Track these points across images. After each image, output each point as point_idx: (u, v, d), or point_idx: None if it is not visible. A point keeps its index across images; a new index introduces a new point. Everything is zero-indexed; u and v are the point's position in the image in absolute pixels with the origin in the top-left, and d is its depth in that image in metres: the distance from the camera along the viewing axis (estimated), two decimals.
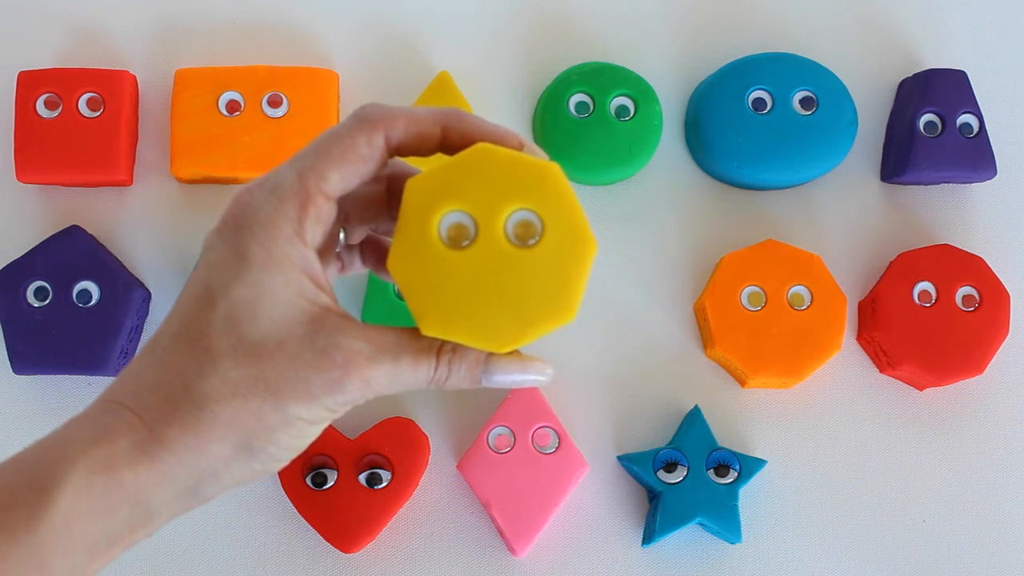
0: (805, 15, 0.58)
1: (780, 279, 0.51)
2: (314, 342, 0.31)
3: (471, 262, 0.32)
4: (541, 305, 0.32)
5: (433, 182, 0.32)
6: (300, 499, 0.49)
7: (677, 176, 0.56)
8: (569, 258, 0.32)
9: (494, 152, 0.32)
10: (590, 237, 0.32)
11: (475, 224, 0.32)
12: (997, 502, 0.52)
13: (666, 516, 0.49)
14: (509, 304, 0.32)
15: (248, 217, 0.32)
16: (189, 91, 0.53)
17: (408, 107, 0.34)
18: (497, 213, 0.32)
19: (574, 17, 0.57)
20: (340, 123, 0.33)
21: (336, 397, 0.32)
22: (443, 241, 0.32)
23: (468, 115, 0.34)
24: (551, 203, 0.32)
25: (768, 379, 0.51)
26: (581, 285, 0.32)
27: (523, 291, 0.32)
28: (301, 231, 0.32)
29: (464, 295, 0.32)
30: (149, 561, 0.50)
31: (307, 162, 0.32)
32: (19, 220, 0.54)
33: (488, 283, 0.32)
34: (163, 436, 0.30)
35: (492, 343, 0.32)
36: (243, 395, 0.31)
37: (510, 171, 0.32)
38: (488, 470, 0.49)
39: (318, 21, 0.57)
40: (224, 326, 0.31)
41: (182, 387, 0.31)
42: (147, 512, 0.31)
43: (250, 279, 0.31)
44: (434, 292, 0.32)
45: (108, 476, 0.30)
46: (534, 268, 0.32)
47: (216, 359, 0.31)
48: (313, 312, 0.32)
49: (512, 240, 0.32)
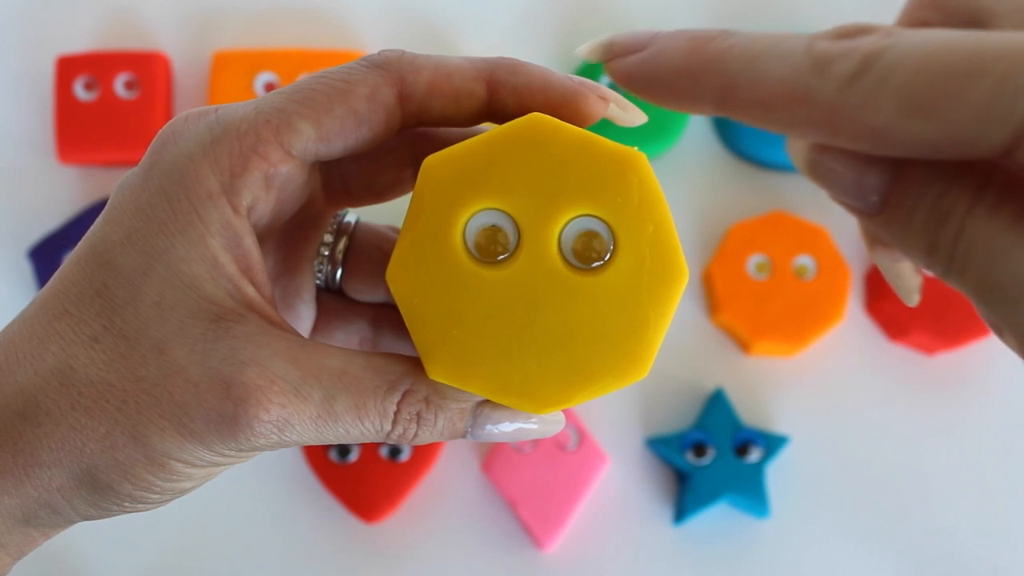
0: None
1: (786, 249, 0.52)
2: (208, 352, 0.21)
3: (507, 284, 0.23)
4: (602, 354, 0.23)
5: (461, 164, 0.23)
6: (324, 471, 0.50)
7: (705, 155, 0.56)
8: (649, 290, 0.23)
9: (553, 127, 0.23)
10: (681, 263, 0.23)
11: (517, 231, 0.23)
12: (1012, 461, 0.52)
13: (696, 496, 0.50)
14: (557, 348, 0.23)
15: (168, 152, 0.23)
16: (227, 72, 0.54)
17: (443, 56, 0.24)
18: (551, 219, 0.23)
19: (604, 0, 0.58)
20: (345, 64, 0.24)
21: (227, 443, 0.21)
22: (469, 251, 0.23)
23: (527, 66, 0.24)
24: (630, 211, 0.23)
25: (771, 345, 0.52)
26: (661, 330, 0.23)
27: (578, 332, 0.23)
28: (233, 190, 0.22)
29: (493, 330, 0.22)
30: (171, 530, 0.51)
31: (276, 101, 0.23)
32: (60, 199, 0.55)
33: (529, 316, 0.23)
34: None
35: (526, 401, 0.23)
36: (86, 409, 0.22)
37: (575, 158, 0.23)
38: (512, 470, 0.50)
39: (352, 3, 0.58)
40: (93, 304, 0.22)
41: (13, 388, 0.22)
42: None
43: (143, 243, 0.22)
44: (450, 322, 0.22)
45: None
46: (597, 301, 0.23)
47: (65, 350, 0.22)
48: (222, 307, 0.22)
49: (569, 259, 0.23)
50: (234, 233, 0.22)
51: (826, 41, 0.18)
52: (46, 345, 0.22)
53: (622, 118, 0.25)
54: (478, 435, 0.24)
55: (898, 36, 0.17)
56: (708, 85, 0.19)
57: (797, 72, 0.17)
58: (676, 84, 0.20)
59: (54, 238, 0.52)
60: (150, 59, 0.54)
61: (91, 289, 0.22)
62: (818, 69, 0.17)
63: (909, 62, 0.16)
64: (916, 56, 0.16)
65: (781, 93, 0.18)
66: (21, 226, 0.54)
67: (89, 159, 0.54)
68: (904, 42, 0.17)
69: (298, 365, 0.22)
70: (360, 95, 0.23)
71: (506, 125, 0.23)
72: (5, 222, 0.54)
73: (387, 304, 0.29)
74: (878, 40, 0.17)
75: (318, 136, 0.23)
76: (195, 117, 0.23)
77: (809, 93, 0.17)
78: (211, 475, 0.23)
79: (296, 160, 0.23)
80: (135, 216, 0.22)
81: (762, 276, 0.52)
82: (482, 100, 0.24)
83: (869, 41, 0.17)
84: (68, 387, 0.22)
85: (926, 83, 0.16)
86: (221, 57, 0.55)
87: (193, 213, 0.22)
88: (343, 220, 0.29)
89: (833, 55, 0.17)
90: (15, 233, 0.54)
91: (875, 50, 0.17)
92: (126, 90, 0.54)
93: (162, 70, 0.55)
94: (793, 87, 0.17)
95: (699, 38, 0.19)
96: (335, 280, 0.29)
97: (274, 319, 0.23)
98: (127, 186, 0.23)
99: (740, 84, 0.18)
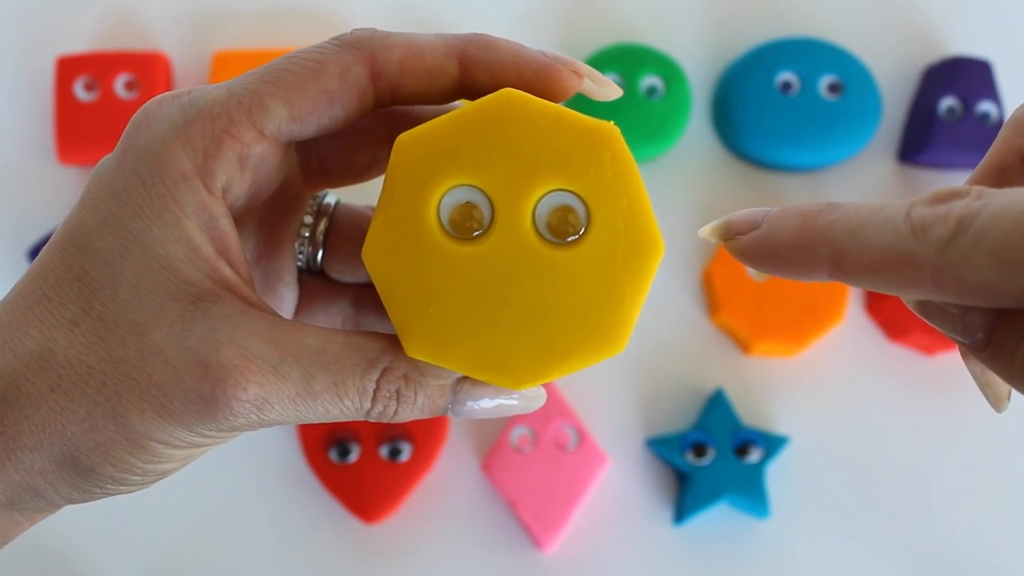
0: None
1: None
2: (186, 333, 0.22)
3: (483, 261, 0.23)
4: (579, 328, 0.23)
5: (434, 141, 0.23)
6: (324, 472, 0.50)
7: (705, 155, 0.56)
8: (624, 264, 0.23)
9: (525, 102, 0.23)
10: (656, 236, 0.23)
11: (492, 207, 0.23)
12: (1012, 461, 0.52)
13: (695, 496, 0.50)
14: (533, 324, 0.23)
15: (142, 135, 0.23)
16: (227, 72, 0.54)
17: (413, 34, 0.24)
18: (525, 193, 0.23)
19: (604, 0, 0.58)
20: (316, 44, 0.24)
21: (207, 423, 0.22)
22: (444, 228, 0.23)
23: (499, 42, 0.24)
24: (604, 184, 0.23)
25: (771, 345, 0.52)
26: (637, 304, 0.23)
27: (555, 307, 0.23)
28: (207, 171, 0.22)
29: (469, 306, 0.23)
30: (171, 530, 0.51)
31: (248, 83, 0.23)
32: (60, 199, 0.55)
33: (505, 292, 0.23)
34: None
35: (504, 376, 0.23)
36: (66, 392, 0.22)
37: (548, 132, 0.23)
38: (512, 470, 0.50)
39: (352, 3, 0.58)
40: (72, 288, 0.22)
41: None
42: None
43: (119, 226, 0.22)
44: (426, 299, 0.22)
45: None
46: (573, 275, 0.23)
47: (45, 333, 0.22)
48: (199, 288, 0.22)
49: (544, 234, 0.23)
50: (209, 214, 0.22)
51: (923, 207, 0.19)
52: (26, 329, 0.22)
53: (597, 92, 0.25)
54: (459, 412, 0.24)
55: (989, 198, 0.18)
56: (820, 256, 0.20)
57: (900, 238, 0.19)
58: (791, 257, 0.21)
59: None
60: (150, 59, 0.54)
61: (69, 273, 0.22)
62: (918, 234, 0.19)
63: (1002, 222, 0.17)
64: (1008, 216, 0.17)
65: (887, 259, 0.19)
66: (21, 226, 0.54)
67: (89, 159, 0.54)
68: (995, 203, 0.18)
69: (276, 344, 0.22)
70: (332, 74, 0.23)
71: (478, 101, 0.23)
72: (5, 222, 0.54)
73: (369, 284, 0.29)
74: (971, 203, 0.18)
75: (291, 116, 0.23)
76: (168, 100, 0.23)
77: (912, 257, 0.19)
78: (192, 456, 0.23)
79: (269, 140, 0.23)
80: (111, 200, 0.22)
81: (762, 276, 0.53)
82: (455, 77, 0.24)
83: (963, 204, 0.18)
84: (48, 370, 0.22)
85: (1018, 241, 0.17)
86: (221, 57, 0.55)
87: (168, 195, 0.22)
88: (323, 201, 0.29)
89: (930, 220, 0.18)
90: (15, 233, 0.54)
91: (969, 213, 0.18)
92: (126, 90, 0.54)
93: (162, 70, 0.55)
94: (897, 253, 0.19)
95: (807, 213, 0.21)
96: (316, 262, 0.29)
97: (252, 299, 0.23)
98: (102, 170, 0.23)
99: (849, 253, 0.20)
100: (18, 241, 0.53)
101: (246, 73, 0.23)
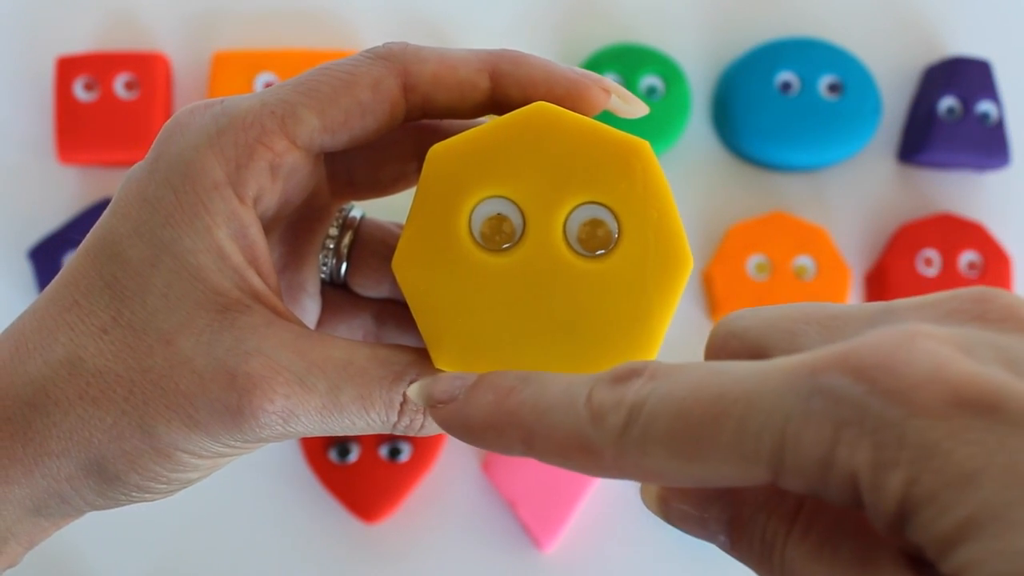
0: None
1: (786, 250, 0.53)
2: (214, 343, 0.22)
3: (513, 272, 0.23)
4: (608, 341, 0.23)
5: (466, 153, 0.23)
6: (324, 472, 0.50)
7: (704, 155, 0.56)
8: (653, 278, 0.23)
9: (558, 115, 0.23)
10: (685, 250, 0.23)
11: (523, 219, 0.23)
12: None
13: None
14: (562, 336, 0.23)
15: (174, 144, 0.23)
16: (227, 73, 0.54)
17: (447, 48, 0.24)
18: (556, 206, 0.23)
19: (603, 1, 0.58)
20: (349, 56, 0.24)
21: (233, 434, 0.22)
22: (475, 239, 0.23)
23: (530, 57, 0.24)
24: (635, 198, 0.23)
25: None
26: (666, 318, 0.23)
27: (584, 319, 0.23)
28: (239, 180, 0.22)
29: (499, 318, 0.23)
30: (172, 530, 0.51)
31: (281, 93, 0.23)
32: (60, 199, 0.55)
33: (535, 304, 0.23)
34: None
35: None
36: (94, 399, 0.22)
37: (580, 146, 0.23)
38: (512, 470, 0.49)
39: (352, 4, 0.58)
40: (103, 295, 0.22)
41: (23, 378, 0.22)
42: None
43: (150, 235, 0.22)
44: (456, 310, 0.23)
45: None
46: (602, 288, 0.23)
47: (75, 340, 0.22)
48: (228, 297, 0.22)
49: (574, 246, 0.23)
50: (240, 224, 0.22)
51: (603, 388, 0.18)
52: (56, 336, 0.22)
53: (624, 110, 0.25)
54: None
55: (658, 382, 0.17)
56: (512, 437, 0.19)
57: (580, 425, 0.18)
58: (486, 435, 0.20)
59: (54, 238, 0.52)
60: (150, 59, 0.54)
61: (100, 281, 0.22)
62: (596, 422, 0.18)
63: (665, 409, 0.17)
64: (672, 403, 0.17)
65: (570, 445, 0.18)
66: (21, 226, 0.54)
67: (89, 159, 0.54)
68: (661, 389, 0.17)
69: (303, 356, 0.22)
70: (364, 86, 0.23)
71: (511, 114, 0.23)
72: (5, 222, 0.54)
73: (391, 300, 0.29)
74: (642, 387, 0.17)
75: (323, 127, 0.23)
76: (200, 109, 0.23)
77: (592, 445, 0.18)
78: (217, 465, 0.24)
79: (301, 150, 0.23)
80: (142, 208, 0.22)
81: (762, 276, 0.53)
82: (486, 92, 0.24)
83: (635, 389, 0.17)
84: (77, 377, 0.22)
85: (682, 431, 0.16)
86: (221, 57, 0.55)
87: (199, 204, 0.22)
88: (348, 214, 0.29)
89: (607, 407, 0.18)
90: (15, 233, 0.54)
91: (639, 399, 0.17)
92: (126, 90, 0.54)
93: (162, 71, 0.54)
94: (579, 440, 0.18)
95: (501, 390, 0.19)
96: (340, 274, 0.29)
97: (280, 310, 0.23)
98: (134, 178, 0.23)
99: (537, 436, 0.18)
100: (18, 241, 0.53)
101: (278, 84, 0.24)
